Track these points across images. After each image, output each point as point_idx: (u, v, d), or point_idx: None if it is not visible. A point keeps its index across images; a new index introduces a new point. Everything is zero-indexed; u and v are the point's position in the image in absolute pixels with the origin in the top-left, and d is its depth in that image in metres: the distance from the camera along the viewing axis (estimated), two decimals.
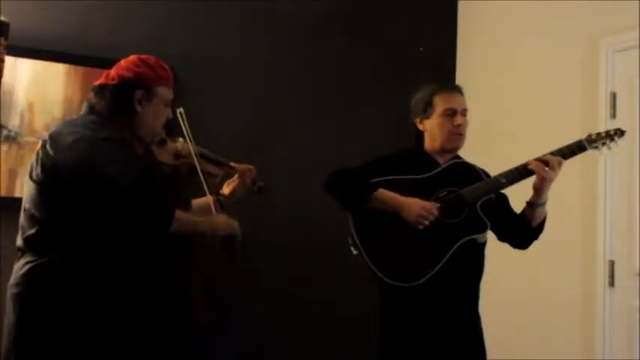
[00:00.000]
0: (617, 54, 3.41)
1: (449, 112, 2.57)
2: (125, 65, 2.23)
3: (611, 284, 3.33)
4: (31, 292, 2.05)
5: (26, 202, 2.13)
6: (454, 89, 2.66)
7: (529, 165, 2.47)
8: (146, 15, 3.55)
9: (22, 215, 2.14)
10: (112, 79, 2.21)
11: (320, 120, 3.91)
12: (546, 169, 2.45)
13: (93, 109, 2.20)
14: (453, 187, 2.53)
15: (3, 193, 3.17)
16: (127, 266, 2.09)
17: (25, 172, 2.20)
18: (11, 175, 3.21)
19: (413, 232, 2.47)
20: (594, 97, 3.47)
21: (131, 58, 2.25)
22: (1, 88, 2.94)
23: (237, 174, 2.56)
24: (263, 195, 2.56)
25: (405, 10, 4.21)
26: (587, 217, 3.45)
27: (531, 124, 3.73)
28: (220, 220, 2.29)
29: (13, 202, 2.71)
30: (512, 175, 2.50)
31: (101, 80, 2.23)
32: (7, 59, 2.26)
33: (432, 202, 2.50)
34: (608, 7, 3.44)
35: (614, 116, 3.37)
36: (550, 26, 3.77)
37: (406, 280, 2.45)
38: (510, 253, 2.70)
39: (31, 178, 2.13)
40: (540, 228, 2.60)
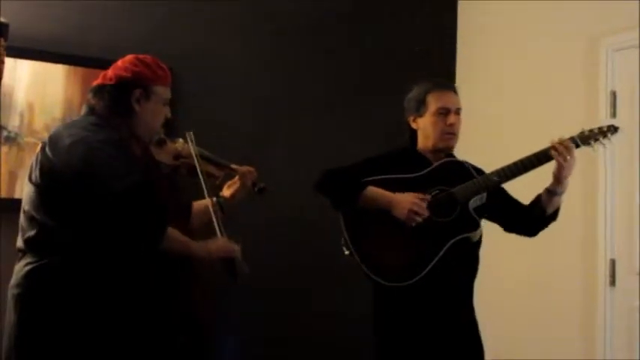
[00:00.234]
0: (617, 53, 3.41)
1: (442, 111, 2.56)
2: (122, 65, 2.22)
3: (612, 283, 3.33)
4: (32, 293, 2.06)
5: (26, 204, 2.13)
6: (448, 88, 2.64)
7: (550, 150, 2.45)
8: (146, 15, 3.54)
9: (22, 217, 2.14)
10: (110, 79, 2.21)
11: (320, 120, 3.91)
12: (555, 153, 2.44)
13: (92, 110, 2.20)
14: (444, 185, 2.52)
15: (3, 194, 3.16)
16: (127, 267, 2.09)
17: (25, 173, 2.20)
18: (11, 177, 3.20)
19: (404, 232, 2.46)
20: (594, 96, 3.47)
21: (128, 57, 2.25)
22: (1, 89, 2.96)
23: (238, 176, 2.54)
24: (263, 195, 2.55)
25: (405, 10, 4.21)
26: (588, 215, 3.45)
27: (531, 123, 3.72)
28: (218, 245, 2.25)
29: (13, 204, 2.71)
30: (504, 172, 2.49)
31: (99, 81, 2.23)
32: (7, 60, 2.26)
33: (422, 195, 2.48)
34: (608, 7, 3.43)
35: (614, 115, 3.37)
36: (550, 26, 3.77)
37: (398, 280, 2.44)
38: (510, 252, 2.70)
39: (31, 180, 2.13)
40: (554, 216, 2.60)
